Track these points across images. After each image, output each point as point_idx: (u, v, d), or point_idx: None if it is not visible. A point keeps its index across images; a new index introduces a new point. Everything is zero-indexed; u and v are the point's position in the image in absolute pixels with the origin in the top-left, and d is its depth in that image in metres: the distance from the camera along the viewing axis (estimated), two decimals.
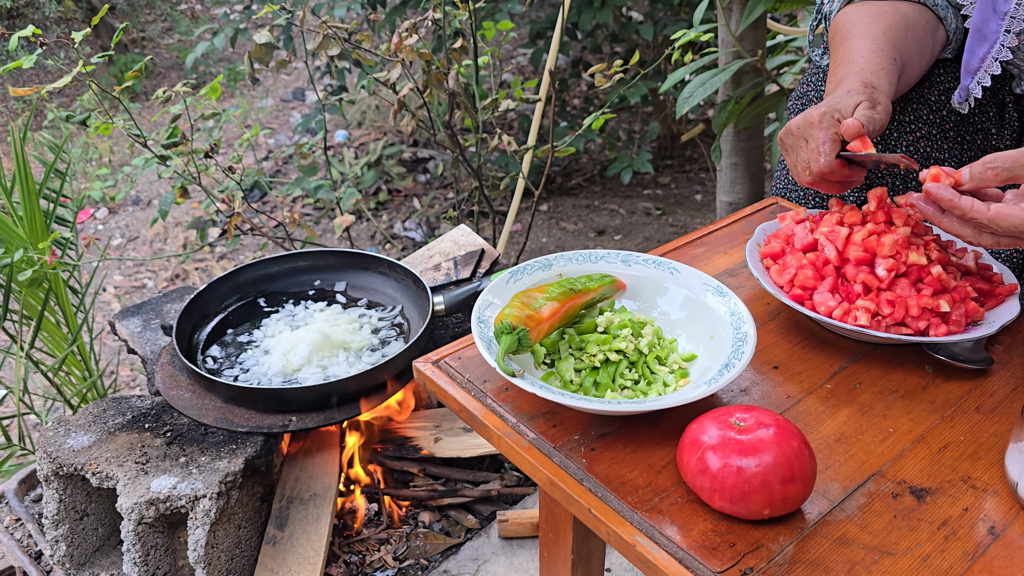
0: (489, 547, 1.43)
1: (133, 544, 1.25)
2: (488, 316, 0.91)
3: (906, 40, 1.09)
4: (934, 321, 0.92)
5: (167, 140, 2.01)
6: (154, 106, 4.94)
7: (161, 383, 1.43)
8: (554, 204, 3.70)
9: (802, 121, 0.98)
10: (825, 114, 0.95)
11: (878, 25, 1.08)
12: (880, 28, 1.08)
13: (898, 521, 0.76)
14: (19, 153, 2.02)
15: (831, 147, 0.94)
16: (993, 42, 1.07)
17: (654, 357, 0.91)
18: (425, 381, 0.95)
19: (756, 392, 0.91)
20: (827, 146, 0.94)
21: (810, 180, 0.98)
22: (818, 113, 0.96)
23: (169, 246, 3.69)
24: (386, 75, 1.90)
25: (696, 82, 2.10)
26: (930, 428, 0.86)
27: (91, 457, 1.30)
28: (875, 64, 1.03)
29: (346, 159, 3.88)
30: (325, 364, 1.45)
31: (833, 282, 0.96)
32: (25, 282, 1.98)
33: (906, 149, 1.19)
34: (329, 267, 1.69)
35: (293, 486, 1.42)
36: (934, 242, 0.97)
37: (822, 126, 0.95)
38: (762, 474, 0.73)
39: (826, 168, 0.95)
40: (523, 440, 0.85)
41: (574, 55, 3.78)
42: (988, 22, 1.06)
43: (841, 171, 0.96)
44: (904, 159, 0.91)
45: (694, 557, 0.73)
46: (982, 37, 1.08)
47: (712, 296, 0.95)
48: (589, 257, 1.01)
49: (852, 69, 1.03)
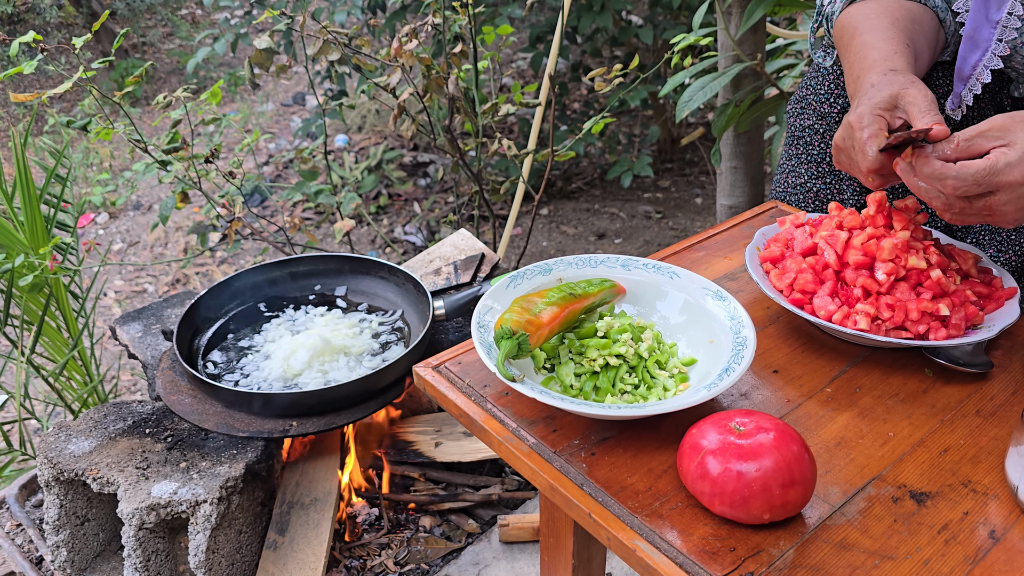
0: (490, 551, 1.43)
1: (134, 549, 1.25)
2: (488, 321, 0.91)
3: (914, 32, 1.08)
4: (934, 325, 0.92)
5: (168, 145, 2.01)
6: (154, 111, 4.95)
7: (162, 388, 1.43)
8: (554, 208, 3.70)
9: (843, 131, 0.98)
10: (862, 115, 0.95)
11: (885, 19, 1.08)
12: (887, 20, 1.07)
13: (898, 525, 0.76)
14: (20, 158, 2.02)
15: (873, 142, 0.93)
16: (985, 50, 1.07)
17: (654, 361, 0.91)
18: (425, 386, 0.96)
19: (756, 396, 0.91)
20: (870, 142, 0.93)
21: (873, 183, 0.96)
22: (855, 116, 0.95)
23: (170, 251, 3.69)
24: (386, 80, 1.91)
25: (696, 86, 2.10)
26: (930, 432, 0.86)
27: (92, 462, 1.30)
28: (889, 50, 1.02)
29: (346, 163, 3.88)
30: (326, 369, 1.45)
31: (833, 286, 0.96)
32: (26, 287, 1.98)
33: None
34: (330, 272, 1.69)
35: (294, 491, 1.42)
36: (934, 246, 0.97)
37: (861, 126, 0.94)
38: (762, 479, 0.73)
39: (874, 165, 0.94)
40: (523, 445, 0.85)
41: (574, 59, 3.78)
42: (980, 29, 1.06)
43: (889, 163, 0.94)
44: (932, 124, 0.89)
45: (694, 562, 0.73)
46: (974, 45, 1.08)
47: (712, 300, 0.95)
48: (589, 262, 1.01)
49: (867, 63, 1.02)
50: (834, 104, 1.22)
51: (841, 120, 1.21)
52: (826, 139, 1.23)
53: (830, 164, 1.24)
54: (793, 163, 1.27)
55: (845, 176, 1.23)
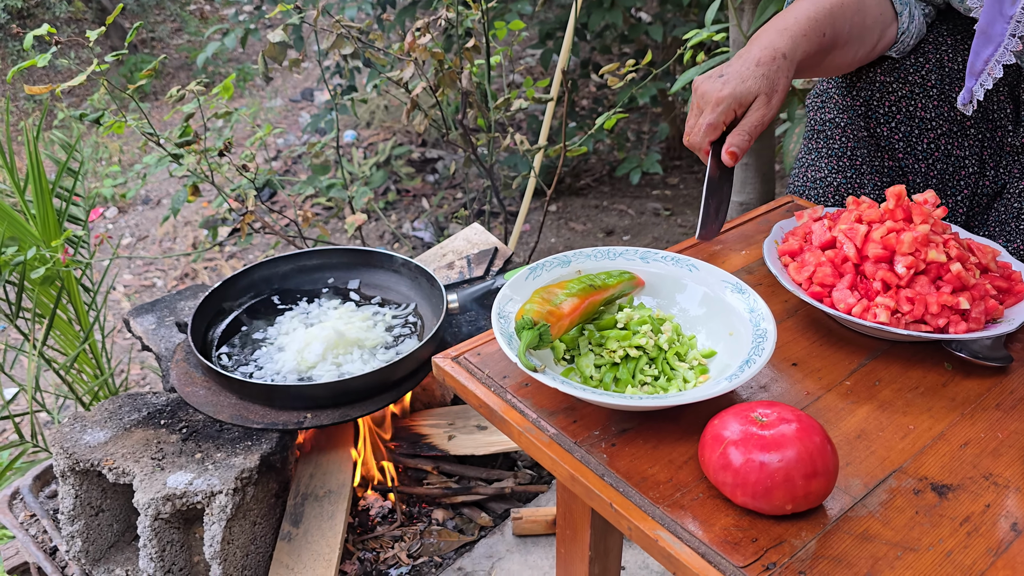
0: (503, 545, 1.43)
1: (149, 539, 1.26)
2: (508, 311, 0.91)
3: (850, 22, 1.13)
4: (954, 318, 0.92)
5: (180, 138, 2.02)
6: (163, 106, 4.96)
7: (176, 380, 1.43)
8: (563, 204, 3.70)
9: (707, 93, 1.09)
10: (723, 99, 1.07)
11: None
12: (828, 2, 1.12)
13: (920, 517, 0.76)
14: (32, 151, 2.03)
15: (708, 132, 1.09)
16: (998, 45, 1.07)
17: (674, 353, 0.91)
18: (444, 377, 0.96)
19: (775, 389, 0.91)
20: (707, 129, 1.09)
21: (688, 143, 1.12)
22: (718, 96, 1.07)
23: (178, 246, 3.70)
24: (399, 74, 1.91)
25: None
26: (951, 425, 0.86)
27: (107, 453, 1.30)
28: (800, 29, 1.10)
29: (355, 159, 3.89)
30: (340, 361, 1.45)
31: (852, 279, 0.96)
32: (38, 280, 1.99)
33: (927, 146, 1.19)
34: (342, 265, 1.69)
35: (308, 483, 1.43)
36: (953, 240, 0.97)
37: (716, 110, 1.07)
38: (785, 469, 0.73)
39: (696, 147, 1.12)
40: (544, 435, 0.85)
41: (583, 56, 3.78)
42: (994, 24, 1.06)
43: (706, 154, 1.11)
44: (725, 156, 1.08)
45: (717, 552, 0.73)
46: (987, 39, 1.08)
47: (731, 293, 0.95)
48: (607, 254, 1.01)
49: (771, 29, 1.11)
50: (856, 97, 1.22)
51: (863, 114, 1.21)
52: (848, 133, 1.23)
53: (851, 158, 1.24)
54: (812, 157, 1.27)
55: (866, 171, 1.23)
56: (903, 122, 1.18)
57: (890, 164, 1.22)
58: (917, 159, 1.20)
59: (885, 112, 1.19)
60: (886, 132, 1.20)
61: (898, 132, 1.19)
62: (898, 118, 1.19)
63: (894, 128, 1.19)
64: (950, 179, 1.20)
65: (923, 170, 1.20)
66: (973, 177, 1.19)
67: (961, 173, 1.19)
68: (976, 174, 1.19)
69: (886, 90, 1.19)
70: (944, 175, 1.20)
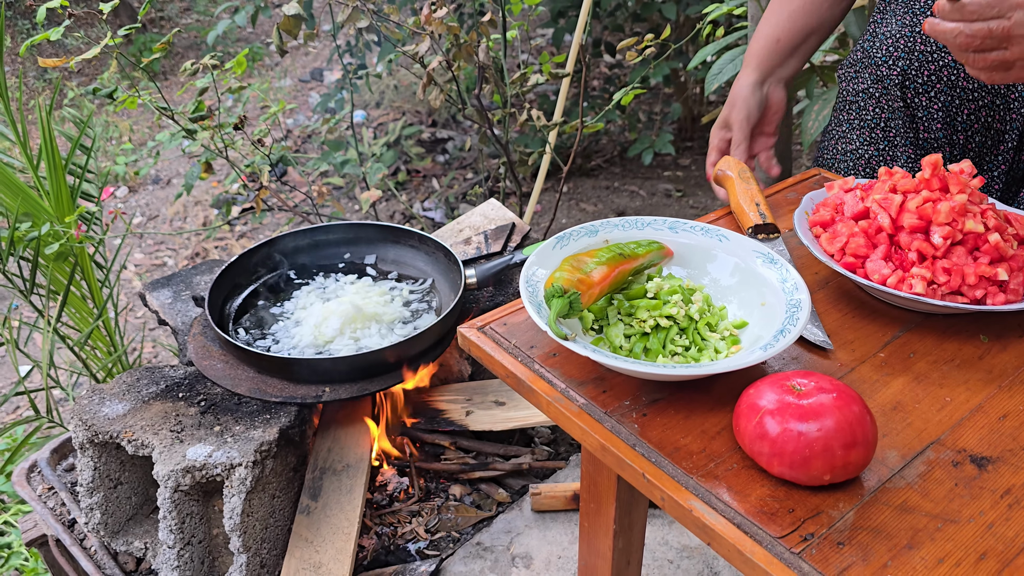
0: (522, 520, 1.42)
1: (169, 511, 1.25)
2: (537, 280, 0.89)
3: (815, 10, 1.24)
4: (991, 290, 0.90)
5: (193, 114, 2.00)
6: (173, 85, 4.94)
7: (194, 353, 1.42)
8: (574, 185, 3.67)
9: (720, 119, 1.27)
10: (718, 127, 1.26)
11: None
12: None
13: (960, 489, 0.74)
14: (46, 127, 2.01)
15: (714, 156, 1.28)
16: None
17: (705, 324, 0.90)
18: (471, 347, 0.94)
19: (807, 360, 0.90)
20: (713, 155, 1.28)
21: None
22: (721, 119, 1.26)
23: (189, 225, 3.69)
24: (414, 48, 1.88)
25: (725, 58, 2.08)
26: (988, 397, 0.85)
27: (126, 425, 1.30)
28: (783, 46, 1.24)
29: (365, 139, 3.86)
30: (357, 336, 1.44)
31: (886, 250, 0.94)
32: (52, 256, 1.98)
33: (967, 117, 1.16)
34: (359, 240, 1.68)
35: (326, 457, 1.42)
36: (991, 210, 0.95)
37: (717, 135, 1.27)
38: (823, 439, 0.72)
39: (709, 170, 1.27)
40: (573, 405, 0.84)
41: (595, 35, 3.74)
42: None
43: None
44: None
45: (753, 522, 0.71)
46: None
47: (763, 265, 0.93)
48: (635, 223, 0.99)
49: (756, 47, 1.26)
50: (892, 67, 1.19)
51: (899, 84, 1.18)
52: (881, 103, 1.20)
53: (884, 129, 1.21)
54: (844, 128, 1.25)
55: (899, 143, 1.21)
56: (943, 91, 1.16)
57: (925, 136, 1.20)
58: (955, 131, 1.17)
59: (924, 81, 1.17)
60: (924, 102, 1.17)
61: (937, 102, 1.17)
62: (938, 87, 1.16)
63: (933, 98, 1.17)
64: (988, 153, 1.18)
65: (961, 142, 1.17)
66: (1012, 152, 1.16)
67: (1000, 148, 1.16)
68: (1015, 149, 1.16)
69: (926, 59, 1.16)
70: (983, 148, 1.17)
